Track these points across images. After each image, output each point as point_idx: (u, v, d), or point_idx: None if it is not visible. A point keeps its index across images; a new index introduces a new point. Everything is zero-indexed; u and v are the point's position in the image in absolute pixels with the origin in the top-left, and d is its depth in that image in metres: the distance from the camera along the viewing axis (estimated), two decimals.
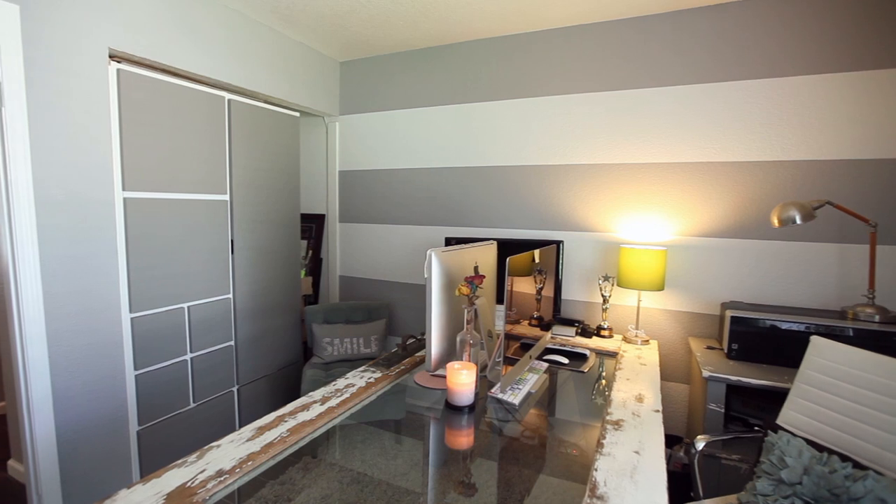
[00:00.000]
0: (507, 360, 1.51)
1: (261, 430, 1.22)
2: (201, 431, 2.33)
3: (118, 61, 1.91)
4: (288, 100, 2.79)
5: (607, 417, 1.37)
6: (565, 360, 1.93)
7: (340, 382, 1.58)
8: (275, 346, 2.77)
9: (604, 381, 1.74)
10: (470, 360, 1.50)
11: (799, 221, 1.82)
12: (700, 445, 1.59)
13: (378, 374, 1.67)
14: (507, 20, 2.45)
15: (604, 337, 2.30)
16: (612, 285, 2.39)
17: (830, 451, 1.19)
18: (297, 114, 2.83)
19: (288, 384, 2.90)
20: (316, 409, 1.36)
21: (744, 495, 1.24)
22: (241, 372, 2.54)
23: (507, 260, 1.44)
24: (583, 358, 1.99)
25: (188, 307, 2.23)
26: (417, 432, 1.32)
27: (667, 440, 2.32)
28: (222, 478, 1.00)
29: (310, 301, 3.34)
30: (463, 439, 1.28)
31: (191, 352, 2.25)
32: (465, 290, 1.50)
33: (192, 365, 2.26)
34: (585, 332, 2.32)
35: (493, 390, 1.56)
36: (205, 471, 1.03)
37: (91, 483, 1.90)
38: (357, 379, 1.62)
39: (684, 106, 2.28)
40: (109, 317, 1.92)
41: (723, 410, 1.84)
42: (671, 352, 2.40)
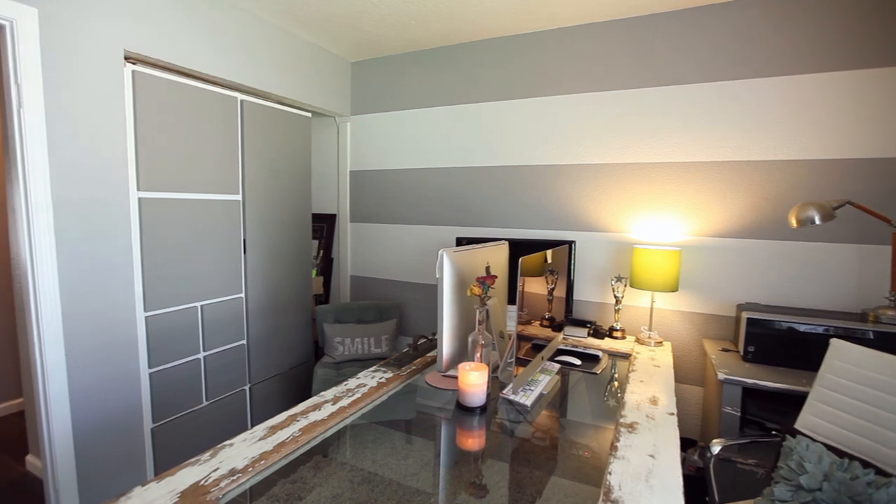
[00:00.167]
0: (519, 361, 1.50)
1: (273, 430, 1.23)
2: (214, 429, 2.36)
3: (133, 63, 1.94)
4: (300, 100, 2.81)
5: (621, 420, 1.35)
6: (577, 362, 1.91)
7: (352, 382, 1.59)
8: (286, 346, 2.79)
9: (616, 383, 1.72)
10: (481, 361, 1.50)
11: (818, 222, 1.78)
12: (716, 449, 1.56)
13: (389, 375, 1.67)
14: (519, 18, 2.44)
15: (616, 338, 2.27)
16: (625, 286, 2.36)
17: (851, 457, 1.16)
18: (309, 114, 2.84)
19: (299, 383, 2.92)
20: (328, 408, 1.37)
21: (761, 501, 1.22)
22: (252, 371, 2.56)
23: (520, 260, 1.43)
24: (595, 359, 1.97)
25: (201, 306, 2.25)
26: (428, 433, 1.31)
27: (681, 443, 2.28)
28: (235, 476, 1.00)
29: (321, 301, 3.36)
30: (474, 440, 1.27)
31: (204, 350, 2.27)
32: (476, 290, 1.49)
33: (204, 363, 2.28)
34: (598, 333, 2.29)
35: (504, 391, 1.55)
36: (218, 469, 1.03)
37: (106, 478, 1.93)
38: (368, 379, 1.62)
39: (698, 105, 2.24)
40: (124, 316, 1.95)
41: (738, 414, 1.81)
42: (685, 354, 2.36)
